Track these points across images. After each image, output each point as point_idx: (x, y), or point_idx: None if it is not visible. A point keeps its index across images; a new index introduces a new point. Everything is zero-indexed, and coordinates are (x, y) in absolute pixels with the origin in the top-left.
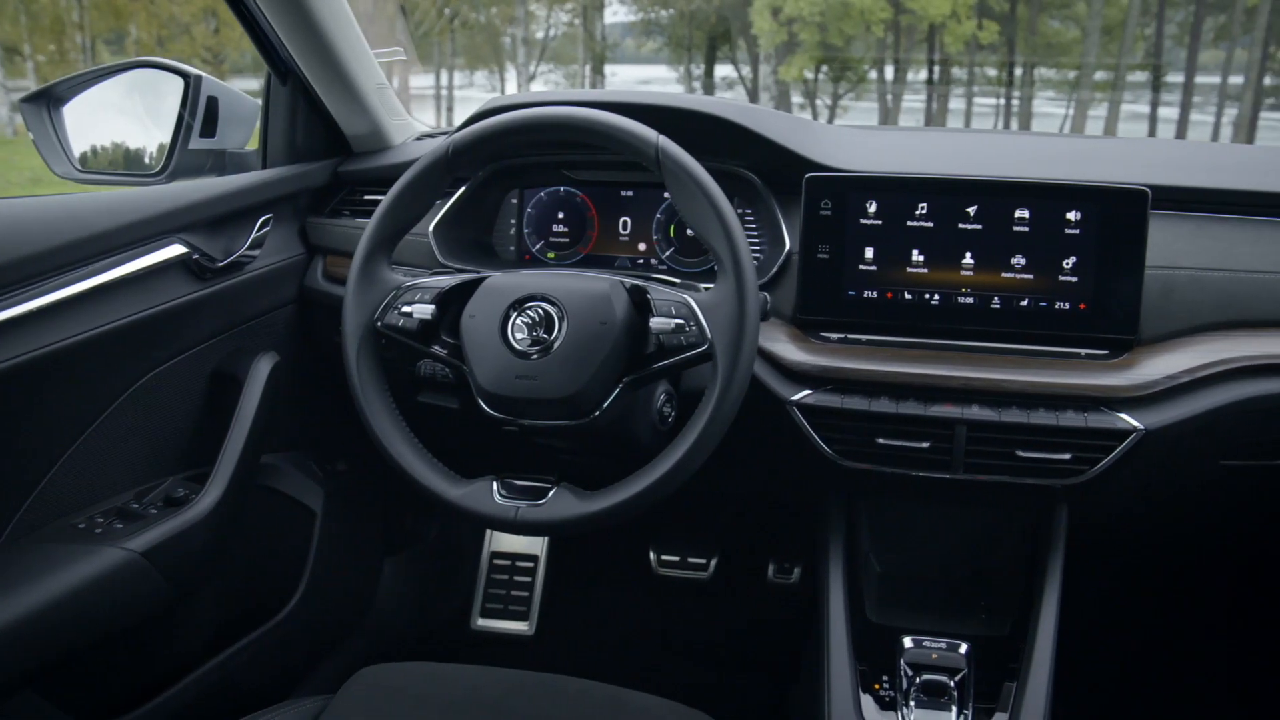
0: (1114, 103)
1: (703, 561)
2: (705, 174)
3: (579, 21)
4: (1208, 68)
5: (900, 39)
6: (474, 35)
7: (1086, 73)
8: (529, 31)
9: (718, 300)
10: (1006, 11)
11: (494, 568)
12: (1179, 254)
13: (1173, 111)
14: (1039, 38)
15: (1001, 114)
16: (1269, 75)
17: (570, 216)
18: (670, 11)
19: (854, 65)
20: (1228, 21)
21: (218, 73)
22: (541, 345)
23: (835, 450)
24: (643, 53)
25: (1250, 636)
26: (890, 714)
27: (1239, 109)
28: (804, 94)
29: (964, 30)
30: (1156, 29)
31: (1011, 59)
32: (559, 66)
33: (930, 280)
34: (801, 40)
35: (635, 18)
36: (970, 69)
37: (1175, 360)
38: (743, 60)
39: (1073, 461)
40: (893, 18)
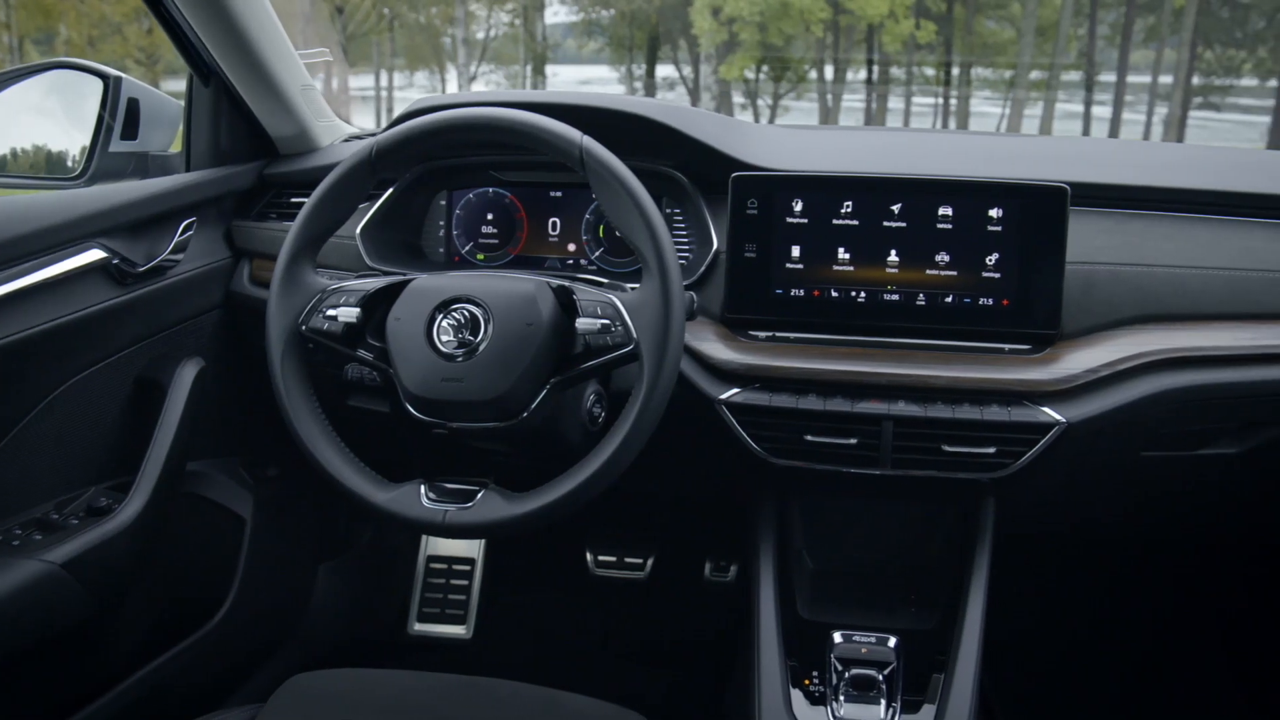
0: (1049, 102)
1: (639, 561)
2: (630, 174)
3: (519, 22)
4: (1139, 67)
5: (839, 39)
6: (414, 35)
7: (1022, 72)
8: (469, 32)
9: (643, 300)
10: (944, 12)
11: (430, 571)
12: (1099, 250)
13: (1106, 110)
14: (975, 38)
15: (939, 113)
16: (1197, 75)
17: (499, 218)
18: (611, 12)
19: (794, 65)
20: (1157, 23)
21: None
22: (467, 347)
23: (764, 448)
24: (584, 53)
25: (1175, 621)
26: (820, 709)
27: (1169, 108)
28: (745, 94)
29: (902, 30)
30: (1089, 30)
31: (949, 59)
32: (500, 67)
33: (856, 278)
34: (742, 40)
35: (576, 18)
36: (908, 69)
37: (1095, 354)
38: (684, 60)
39: (997, 455)
40: (831, 17)
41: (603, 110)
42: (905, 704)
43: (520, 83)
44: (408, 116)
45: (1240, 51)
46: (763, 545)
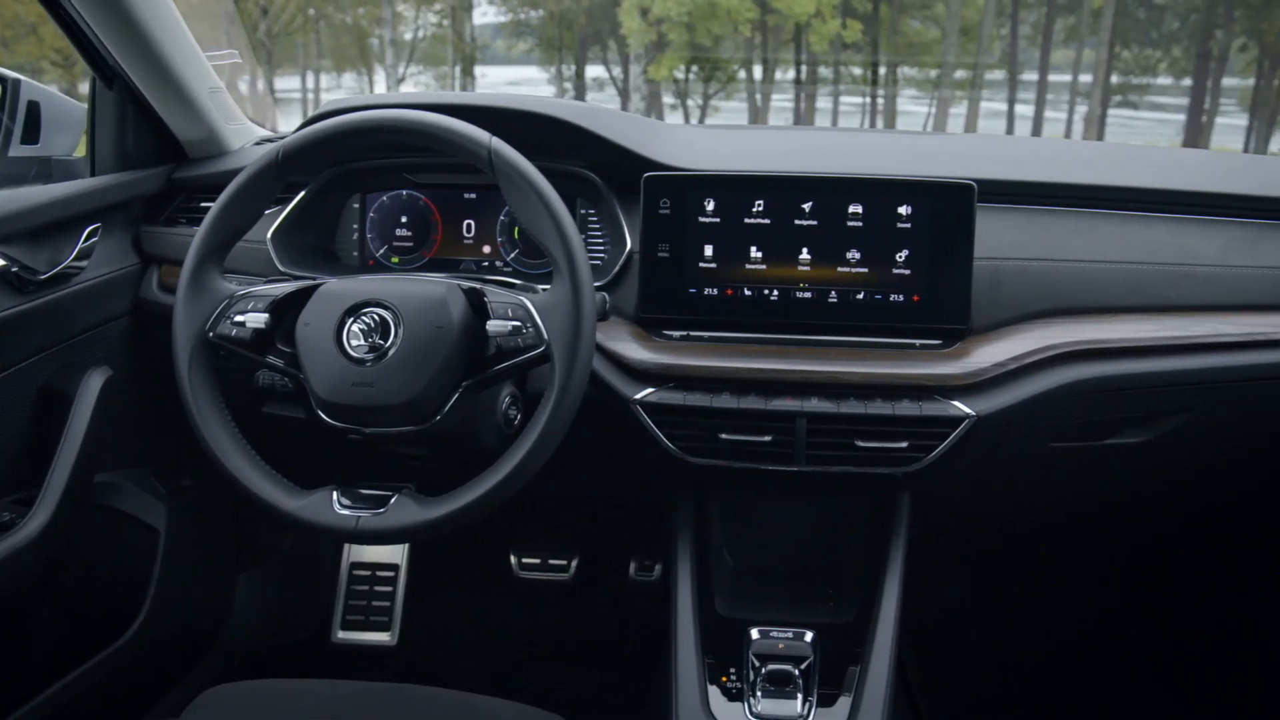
0: (973, 101)
1: (564, 563)
2: (538, 175)
3: (447, 23)
4: (1060, 67)
5: (768, 38)
6: (340, 36)
7: (947, 72)
8: (397, 33)
9: (554, 301)
10: (870, 11)
11: (354, 579)
12: (1007, 245)
13: (1029, 109)
14: (901, 37)
15: (867, 112)
16: (1115, 74)
17: (413, 220)
18: (540, 12)
19: (723, 65)
20: (1076, 23)
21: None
22: (377, 352)
23: (679, 447)
24: (514, 54)
25: (1091, 607)
26: (737, 705)
27: (1089, 106)
28: (676, 94)
29: (829, 30)
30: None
31: (875, 58)
32: (429, 68)
33: (769, 276)
34: (670, 40)
35: (505, 19)
36: (836, 68)
37: (1004, 348)
38: (614, 61)
39: (909, 449)
40: (759, 17)
41: (514, 111)
42: (821, 697)
43: (449, 84)
44: (316, 119)
45: (1156, 51)
46: (680, 544)
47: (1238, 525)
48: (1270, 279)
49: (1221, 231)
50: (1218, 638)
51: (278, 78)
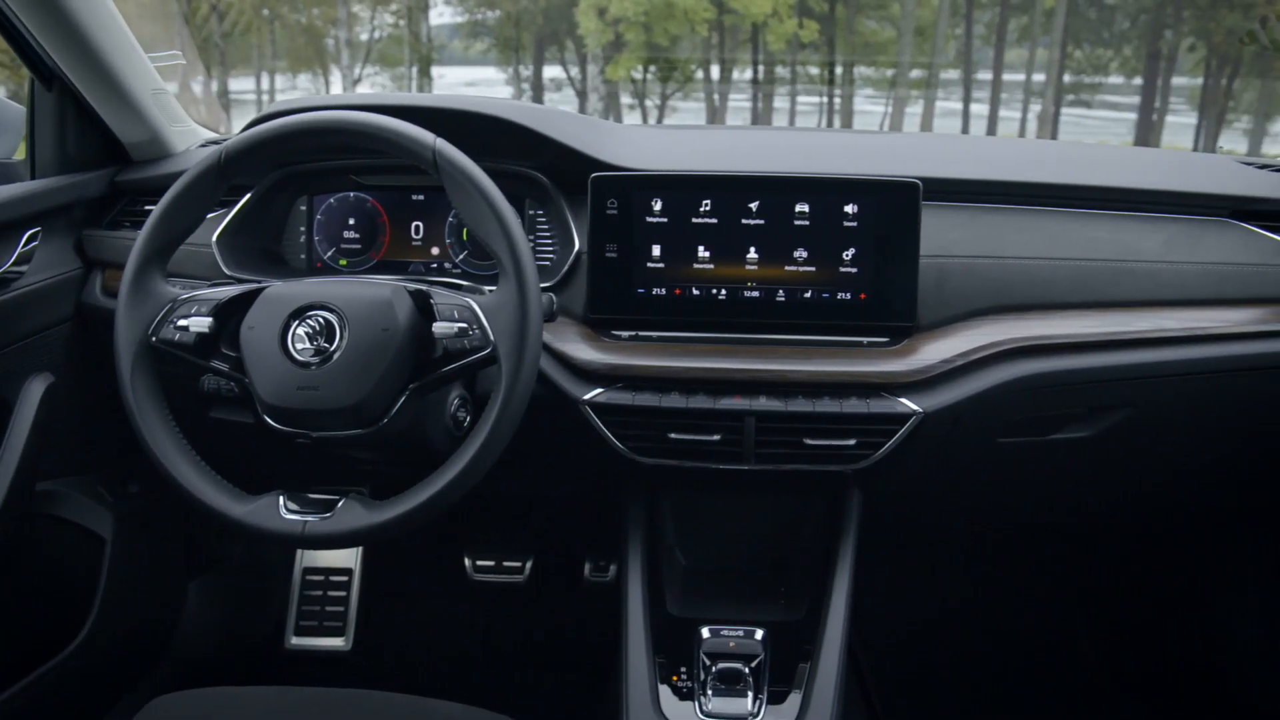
0: (929, 100)
1: (518, 564)
2: (484, 176)
3: (404, 23)
4: (1014, 66)
5: (725, 38)
6: (296, 37)
7: (902, 71)
8: (353, 33)
9: (500, 302)
10: (826, 12)
11: (307, 584)
12: (952, 243)
13: (984, 108)
14: (857, 37)
15: (824, 112)
16: (1068, 73)
17: (361, 222)
18: (497, 13)
19: (681, 65)
20: (1029, 23)
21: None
22: (323, 355)
23: (629, 447)
24: (471, 54)
25: (1042, 601)
26: (688, 704)
27: (1043, 105)
28: (634, 94)
29: (785, 29)
30: (965, 30)
31: (832, 58)
32: (385, 69)
33: (717, 275)
34: (627, 40)
35: (462, 19)
36: (793, 68)
37: (950, 345)
38: (572, 61)
39: (858, 446)
40: (716, 17)
41: (460, 112)
42: (772, 695)
43: (406, 84)
44: (260, 121)
45: (1107, 51)
46: (631, 544)
47: (1183, 517)
48: (1209, 274)
49: (1162, 228)
50: (1165, 627)
51: (232, 79)
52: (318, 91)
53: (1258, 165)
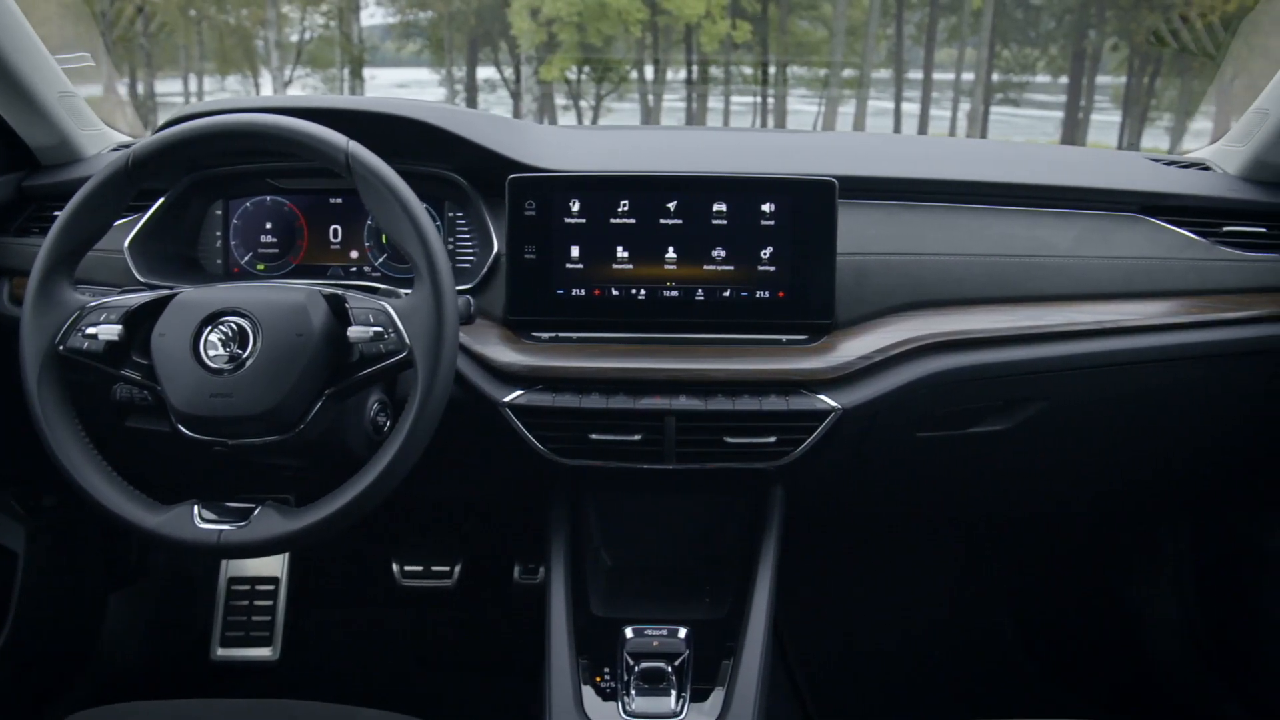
0: (861, 99)
1: (447, 569)
2: (397, 178)
3: (335, 24)
4: (944, 65)
5: (659, 39)
6: (224, 38)
7: (835, 71)
8: (282, 34)
9: (415, 305)
10: (759, 12)
11: (232, 594)
12: (870, 240)
13: (916, 107)
14: (790, 37)
15: (758, 112)
16: (996, 72)
17: (278, 226)
18: (429, 13)
19: (615, 66)
20: (958, 23)
21: None
22: (236, 361)
23: (550, 448)
24: (403, 55)
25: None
26: (612, 704)
27: (972, 103)
28: (568, 95)
29: (718, 30)
30: (896, 30)
31: (765, 58)
32: (316, 70)
33: (635, 276)
34: (561, 41)
35: (394, 20)
36: (727, 68)
37: (868, 341)
38: (506, 62)
39: (778, 444)
40: (649, 18)
41: (375, 115)
42: (695, 693)
43: (338, 86)
44: (170, 124)
45: (1034, 50)
46: (554, 546)
47: (1100, 506)
48: (1120, 269)
49: (1074, 223)
50: (1085, 613)
51: (159, 81)
52: (247, 93)
53: (1165, 162)
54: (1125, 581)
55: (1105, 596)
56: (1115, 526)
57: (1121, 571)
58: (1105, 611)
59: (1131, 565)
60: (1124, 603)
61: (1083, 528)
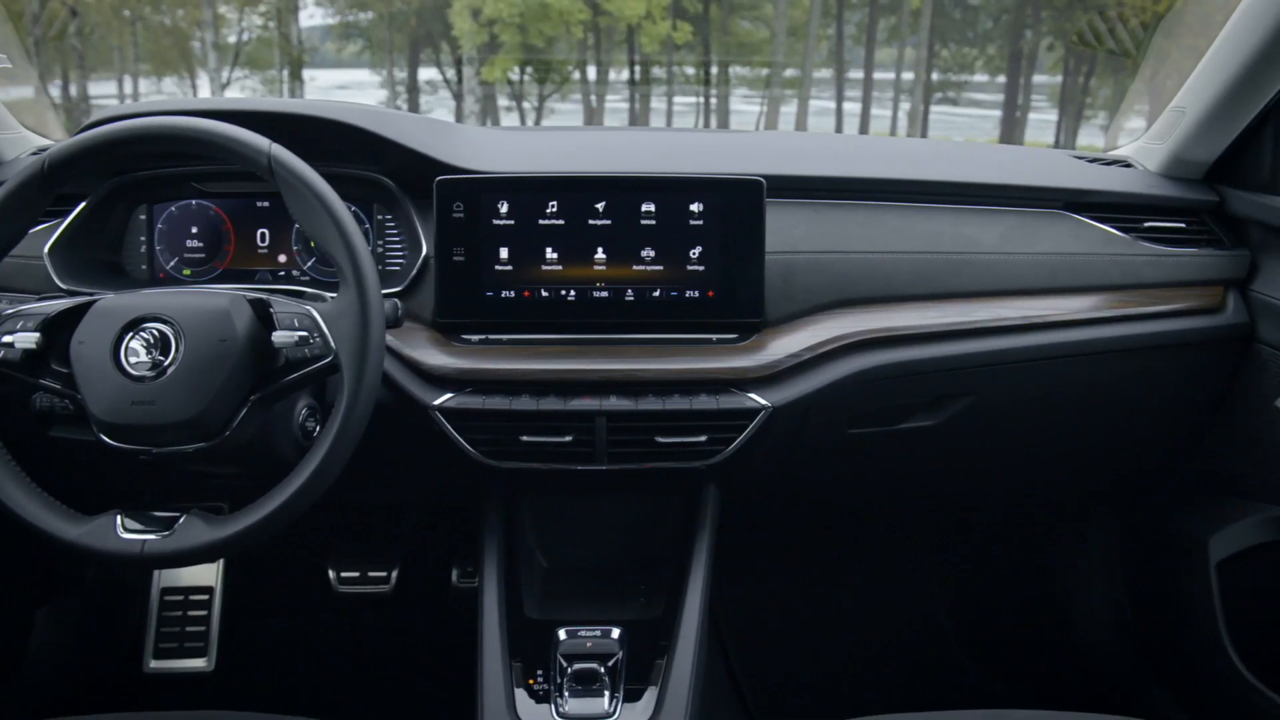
0: (802, 99)
1: (384, 574)
2: (321, 181)
3: (273, 24)
4: (884, 65)
5: (600, 40)
6: (160, 39)
7: (776, 71)
8: (220, 35)
9: (341, 309)
10: (700, 13)
11: (165, 604)
12: (799, 239)
13: (857, 106)
14: (731, 38)
15: (701, 112)
16: (935, 72)
17: (204, 231)
18: (369, 14)
19: (557, 66)
20: (898, 23)
21: None
22: (158, 368)
23: (481, 451)
24: (344, 56)
25: (900, 585)
26: (545, 706)
27: (912, 103)
28: (510, 96)
29: (659, 31)
30: (837, 30)
31: (707, 58)
32: (255, 72)
33: (565, 277)
34: (503, 41)
35: (333, 21)
36: (669, 69)
37: (797, 339)
38: (448, 63)
39: (709, 443)
40: (591, 19)
41: (300, 117)
42: (628, 693)
43: (277, 87)
44: (89, 127)
45: (972, 50)
46: (487, 549)
47: (1030, 499)
48: (1045, 264)
49: (1000, 220)
50: (1018, 604)
51: (93, 83)
52: (184, 95)
53: (1089, 159)
54: (1056, 571)
55: (1038, 587)
56: (1045, 517)
57: (1052, 561)
58: (1038, 601)
59: (1062, 555)
60: (1056, 592)
61: (1014, 519)
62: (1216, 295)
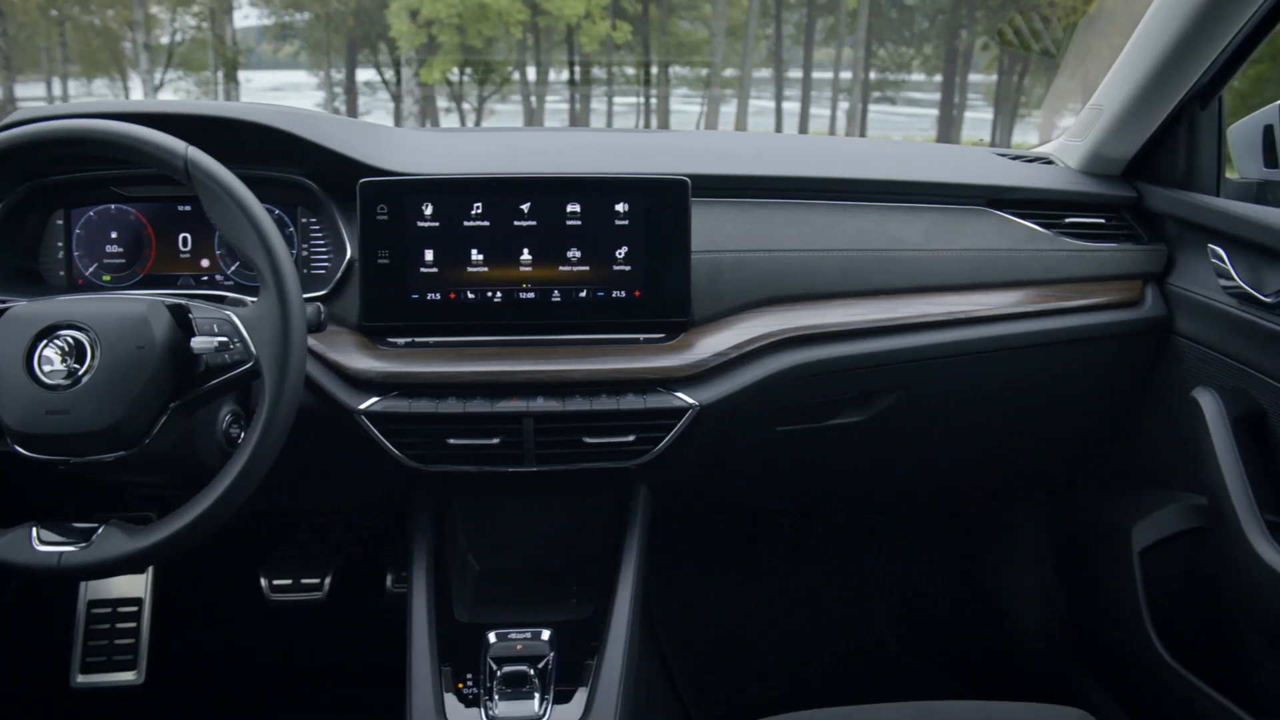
0: (742, 99)
1: (317, 581)
2: (238, 184)
3: (207, 25)
4: (823, 65)
5: (540, 40)
6: (89, 40)
7: (716, 71)
8: (152, 36)
9: (261, 314)
10: (639, 13)
11: (93, 617)
12: (725, 238)
13: (796, 105)
14: (671, 38)
15: (641, 112)
16: (873, 71)
17: (125, 236)
18: (305, 15)
19: (497, 67)
20: (835, 23)
21: None
22: (73, 376)
23: (408, 455)
24: (281, 58)
25: (834, 580)
26: (475, 710)
27: (850, 102)
28: (450, 97)
29: (599, 31)
30: (775, 30)
31: (647, 58)
32: (189, 73)
33: (491, 278)
34: (441, 42)
35: (269, 21)
36: (609, 69)
37: (724, 338)
38: (386, 64)
39: (637, 442)
40: (530, 19)
41: (219, 119)
42: (558, 694)
43: (212, 89)
44: (3, 130)
45: (909, 50)
46: (416, 553)
47: (960, 492)
48: (968, 261)
49: (924, 218)
50: (952, 599)
51: (20, 84)
52: (115, 97)
53: (1011, 156)
54: (987, 563)
55: (969, 579)
56: (975, 510)
57: (984, 554)
58: (970, 593)
59: (992, 547)
60: (987, 583)
61: (945, 513)
62: (1135, 289)
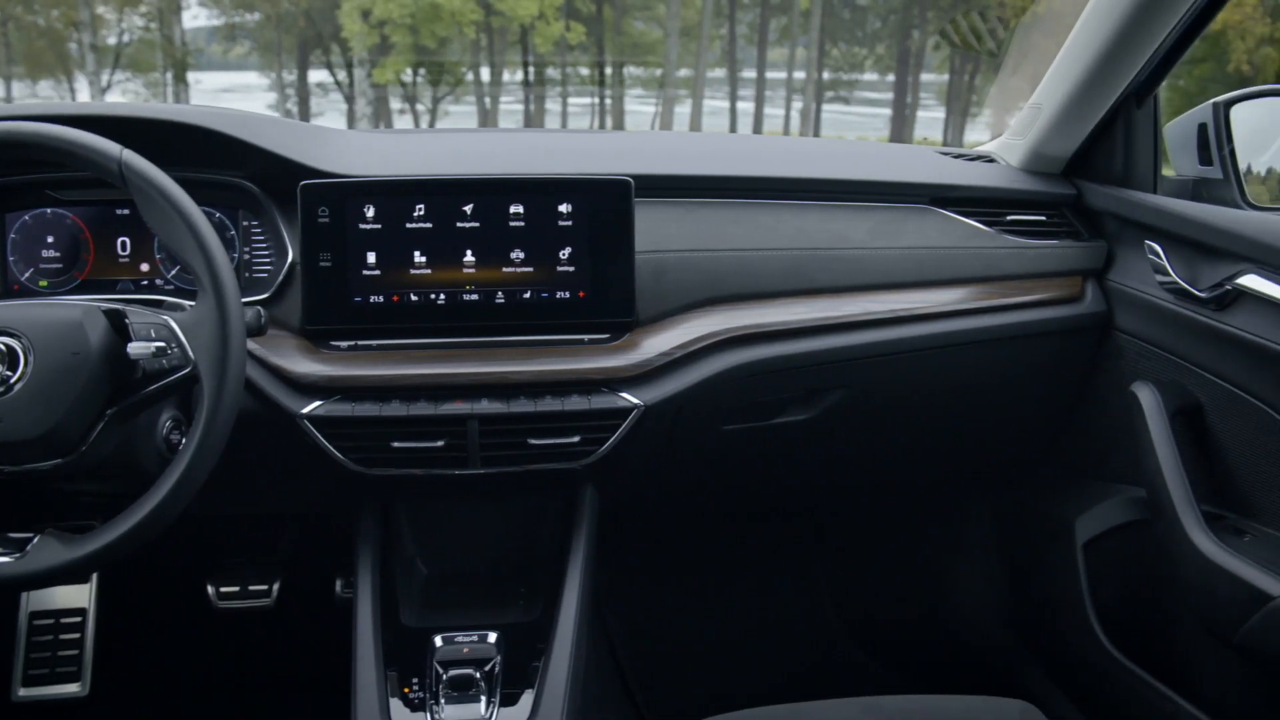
0: (696, 99)
1: (264, 588)
2: (175, 187)
3: (156, 25)
4: (777, 65)
5: (494, 41)
6: (34, 40)
7: (670, 71)
8: (98, 36)
9: (199, 318)
10: (593, 13)
11: (35, 628)
12: (669, 237)
13: (751, 105)
14: (625, 38)
15: (596, 112)
16: (827, 71)
17: (61, 240)
18: (256, 15)
19: (451, 68)
20: (789, 23)
21: None
22: (4, 384)
23: (352, 459)
24: (231, 58)
25: (784, 579)
26: (421, 714)
27: (804, 102)
28: (404, 98)
29: (553, 32)
30: (729, 30)
31: (601, 59)
32: (138, 75)
33: (434, 280)
34: (394, 43)
35: (219, 21)
36: (563, 70)
37: (669, 338)
38: (339, 64)
39: (582, 443)
40: (483, 19)
41: (155, 121)
42: (505, 697)
43: (161, 91)
44: None
45: (862, 49)
46: (362, 557)
47: (907, 489)
48: (912, 259)
49: (868, 216)
50: (902, 595)
51: None
52: (61, 99)
53: (954, 155)
54: (934, 557)
55: (917, 573)
56: (922, 506)
57: (930, 548)
58: (918, 588)
59: (939, 542)
60: (935, 578)
61: (892, 509)
62: (1076, 285)
